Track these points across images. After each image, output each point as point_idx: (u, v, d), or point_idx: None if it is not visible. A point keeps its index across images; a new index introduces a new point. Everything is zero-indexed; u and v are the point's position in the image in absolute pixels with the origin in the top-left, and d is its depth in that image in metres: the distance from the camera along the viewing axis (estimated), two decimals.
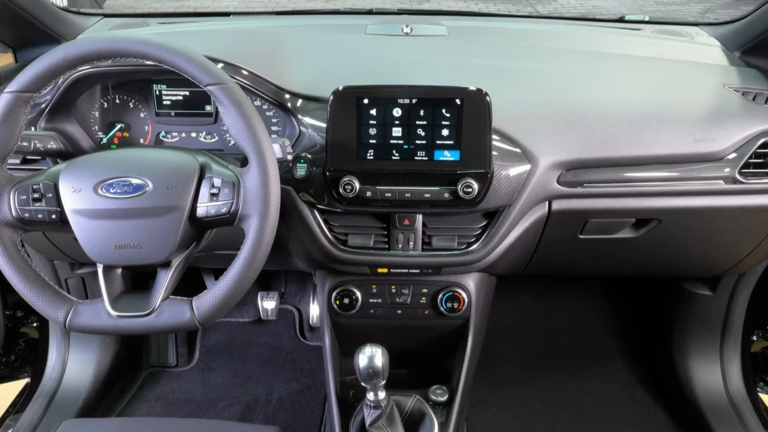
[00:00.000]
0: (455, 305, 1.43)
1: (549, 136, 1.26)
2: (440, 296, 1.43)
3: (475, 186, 1.20)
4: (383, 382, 1.22)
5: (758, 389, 1.83)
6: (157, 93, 1.37)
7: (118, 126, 1.39)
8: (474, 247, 1.32)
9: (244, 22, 1.71)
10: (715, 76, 1.43)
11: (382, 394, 1.25)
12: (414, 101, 1.19)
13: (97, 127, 1.39)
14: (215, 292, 1.02)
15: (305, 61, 1.39)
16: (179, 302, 1.03)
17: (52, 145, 1.23)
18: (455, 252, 1.32)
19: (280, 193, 1.03)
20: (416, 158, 1.22)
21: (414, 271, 1.37)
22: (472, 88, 1.19)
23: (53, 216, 1.04)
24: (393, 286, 1.44)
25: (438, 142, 1.20)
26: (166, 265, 1.05)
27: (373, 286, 1.44)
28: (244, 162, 1.10)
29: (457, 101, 1.18)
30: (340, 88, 1.20)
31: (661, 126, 1.28)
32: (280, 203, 1.04)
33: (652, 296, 2.09)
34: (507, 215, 1.29)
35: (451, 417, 1.43)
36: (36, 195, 1.04)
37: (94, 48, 1.02)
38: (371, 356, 1.18)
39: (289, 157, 1.17)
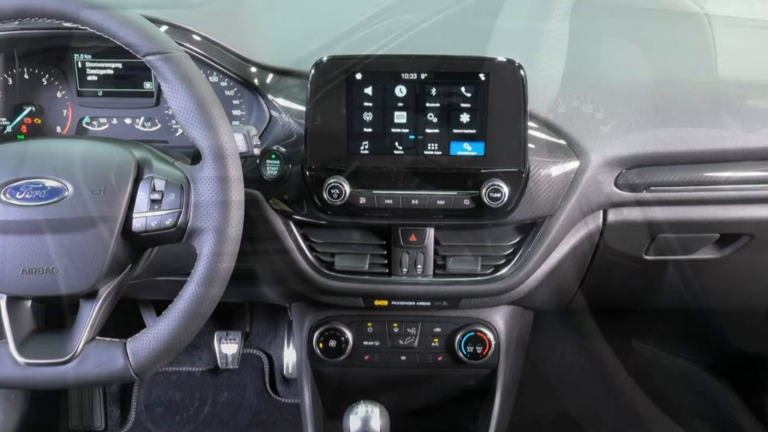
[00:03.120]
0: (478, 349, 1.43)
1: (604, 124, 1.26)
2: (458, 337, 1.43)
3: (505, 190, 1.20)
4: None
5: None
6: (80, 65, 1.37)
7: (28, 110, 1.39)
8: (503, 271, 1.32)
9: None
10: None
11: None
12: (423, 76, 1.19)
13: None
14: (157, 332, 1.02)
15: (278, 22, 1.39)
16: (109, 345, 1.03)
17: None
18: (478, 278, 1.32)
19: (243, 200, 1.03)
20: (426, 153, 1.21)
21: (423, 303, 1.37)
22: (501, 58, 1.19)
23: None
24: (395, 324, 1.44)
25: (455, 131, 1.20)
26: (92, 295, 1.05)
27: (369, 324, 1.44)
28: (195, 158, 1.09)
29: (481, 76, 1.18)
30: (325, 58, 1.20)
31: (754, 110, 1.28)
32: (244, 213, 1.04)
33: (745, 336, 2.08)
34: (548, 229, 1.29)
35: None
36: None
37: None
38: (366, 418, 1.18)
39: (256, 151, 1.17)
